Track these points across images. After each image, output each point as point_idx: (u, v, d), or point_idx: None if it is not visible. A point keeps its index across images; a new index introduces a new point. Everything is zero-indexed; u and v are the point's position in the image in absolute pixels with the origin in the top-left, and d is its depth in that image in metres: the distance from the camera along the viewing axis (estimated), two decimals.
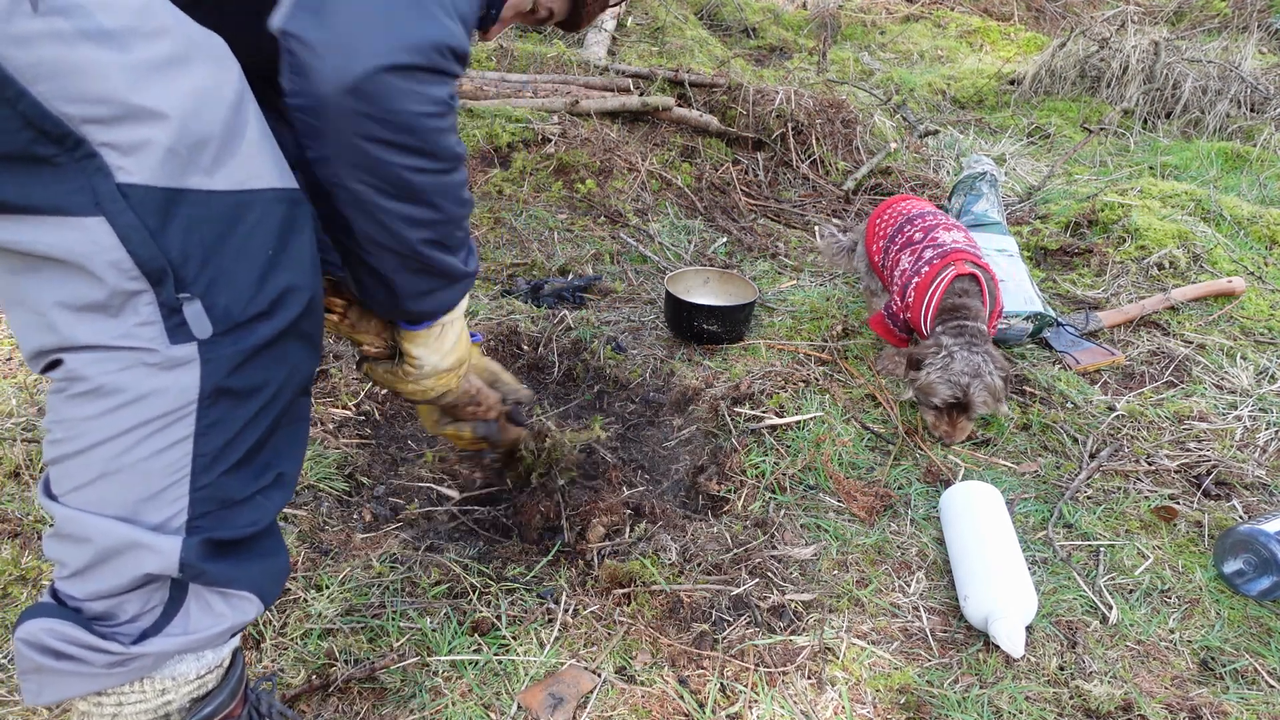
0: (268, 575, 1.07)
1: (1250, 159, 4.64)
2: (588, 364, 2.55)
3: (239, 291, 0.91)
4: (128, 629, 0.98)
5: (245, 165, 0.91)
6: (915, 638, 1.66)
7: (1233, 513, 2.06)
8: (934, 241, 2.40)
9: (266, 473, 1.02)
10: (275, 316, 0.95)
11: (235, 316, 0.91)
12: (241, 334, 0.92)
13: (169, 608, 1.00)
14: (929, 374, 2.13)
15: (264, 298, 0.93)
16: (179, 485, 0.94)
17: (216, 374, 0.92)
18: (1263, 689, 1.60)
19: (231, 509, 0.99)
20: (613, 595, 1.69)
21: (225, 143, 0.89)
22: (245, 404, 0.96)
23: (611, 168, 3.67)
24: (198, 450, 0.94)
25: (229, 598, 1.03)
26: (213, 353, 0.91)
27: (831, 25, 7.32)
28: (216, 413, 0.93)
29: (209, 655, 1.08)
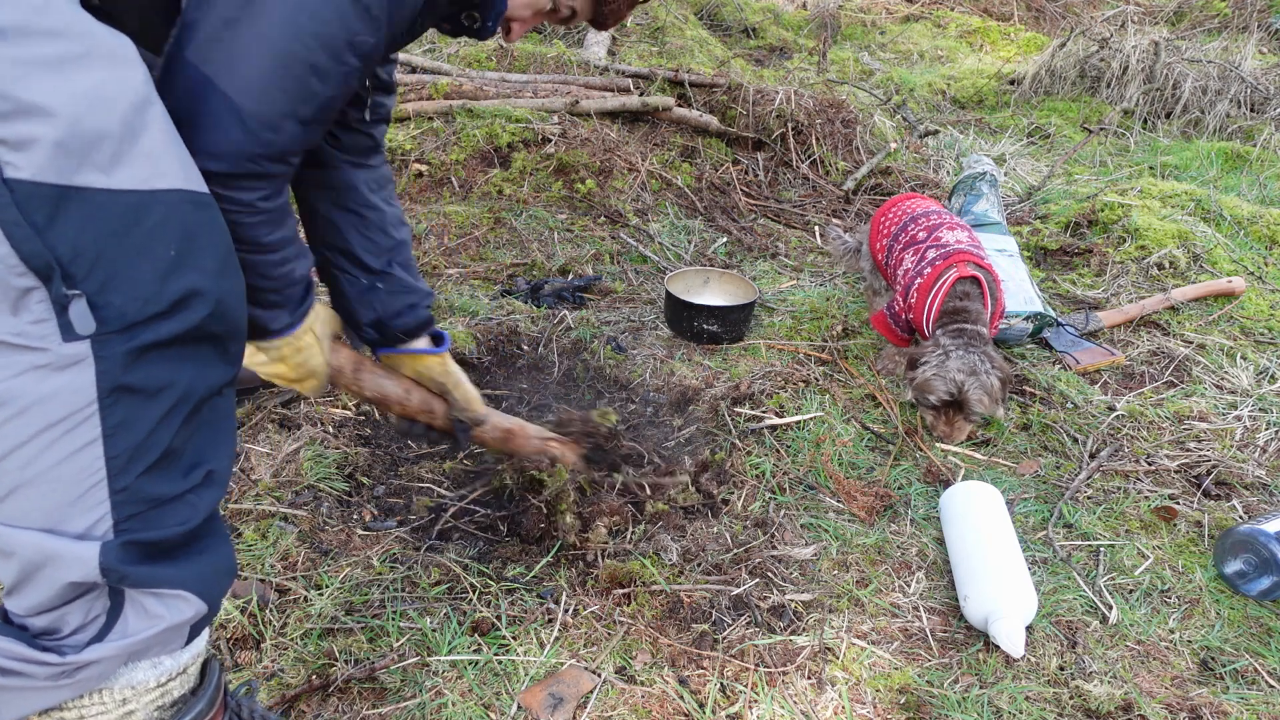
0: (206, 573, 1.05)
1: (1250, 159, 4.65)
2: (588, 364, 2.55)
3: (136, 290, 0.90)
4: (73, 640, 0.98)
5: (148, 165, 0.91)
6: (915, 638, 1.66)
7: (1233, 513, 2.06)
8: (937, 241, 2.40)
9: (195, 471, 1.02)
10: (175, 318, 0.93)
11: (131, 316, 0.90)
12: (136, 332, 0.91)
13: (110, 616, 0.99)
14: (925, 372, 2.13)
15: (163, 298, 0.92)
16: (97, 489, 0.93)
17: (112, 371, 0.90)
18: (1263, 689, 1.60)
19: (161, 509, 0.98)
20: (613, 595, 1.69)
21: (125, 142, 0.88)
22: (152, 403, 0.94)
23: (611, 168, 3.67)
24: (109, 452, 0.92)
25: (163, 598, 1.01)
26: (106, 350, 0.89)
27: (831, 25, 7.32)
28: (121, 412, 0.92)
29: (167, 662, 1.07)
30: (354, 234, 1.59)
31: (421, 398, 1.67)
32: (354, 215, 1.60)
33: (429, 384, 1.69)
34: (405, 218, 1.71)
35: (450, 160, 3.54)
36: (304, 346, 1.40)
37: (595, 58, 4.80)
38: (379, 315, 1.59)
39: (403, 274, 1.63)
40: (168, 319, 0.93)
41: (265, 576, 1.67)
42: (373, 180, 1.60)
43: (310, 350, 1.42)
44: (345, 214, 1.60)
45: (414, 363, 1.66)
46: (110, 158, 0.88)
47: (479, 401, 1.76)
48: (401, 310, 1.61)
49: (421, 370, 1.67)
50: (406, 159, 3.52)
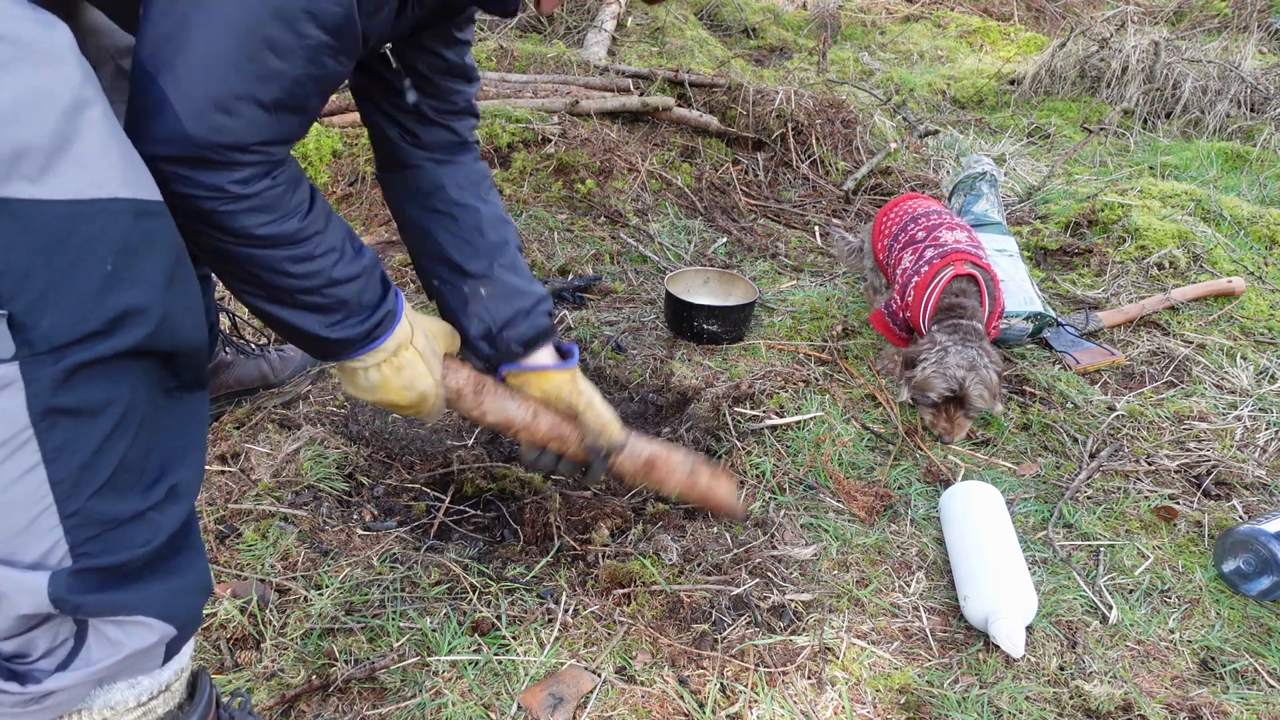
0: (168, 596, 1.00)
1: (1250, 159, 4.65)
2: (588, 364, 2.55)
3: (68, 309, 0.84)
4: (41, 665, 0.95)
5: (83, 173, 0.84)
6: (915, 638, 1.66)
7: (1233, 513, 2.06)
8: (936, 241, 2.40)
9: (156, 486, 0.96)
10: (114, 336, 0.87)
11: (60, 337, 0.83)
12: (69, 351, 0.84)
13: (77, 641, 0.96)
14: (924, 370, 2.13)
15: (99, 316, 0.85)
16: (46, 516, 0.88)
17: (43, 393, 0.84)
18: (1263, 689, 1.60)
19: (120, 529, 0.93)
20: (613, 595, 1.69)
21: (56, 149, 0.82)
22: (93, 422, 0.88)
23: (611, 168, 3.67)
24: (53, 476, 0.87)
25: (123, 625, 0.97)
26: (35, 372, 0.83)
27: (831, 25, 7.32)
28: (60, 435, 0.86)
29: (145, 681, 1.03)
30: (446, 236, 1.47)
31: (551, 422, 1.50)
32: (444, 217, 1.48)
33: (558, 405, 1.52)
34: (507, 215, 1.58)
35: None
36: (404, 365, 1.30)
37: (595, 58, 4.80)
38: (488, 325, 1.47)
39: (508, 276, 1.49)
40: (104, 338, 0.87)
41: (265, 576, 1.67)
42: (462, 178, 1.49)
43: (413, 368, 1.32)
44: (434, 216, 1.48)
45: (540, 381, 1.51)
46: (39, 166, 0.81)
47: (616, 425, 1.55)
48: (512, 318, 1.48)
49: (549, 389, 1.51)
50: None
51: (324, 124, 3.65)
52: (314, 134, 3.52)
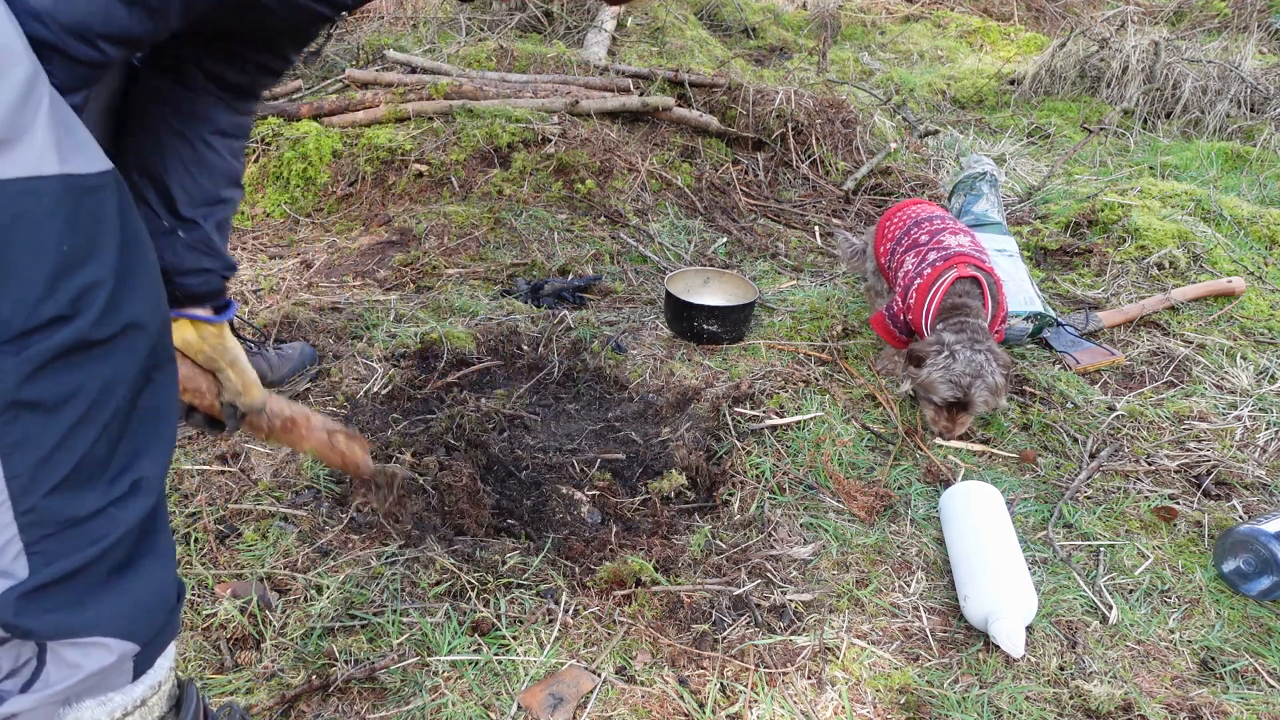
0: (130, 611, 0.95)
1: (1250, 159, 4.65)
2: (588, 364, 2.55)
3: (25, 293, 0.80)
4: (8, 684, 0.93)
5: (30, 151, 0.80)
6: (915, 638, 1.66)
7: (1233, 513, 2.06)
8: (939, 245, 2.40)
9: (119, 480, 0.92)
10: (78, 317, 0.83)
11: (19, 323, 0.80)
12: (32, 339, 0.81)
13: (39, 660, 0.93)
14: (931, 372, 2.12)
15: (62, 297, 0.82)
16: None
17: (4, 388, 0.81)
18: (1263, 689, 1.60)
19: (78, 527, 0.89)
20: (613, 595, 1.69)
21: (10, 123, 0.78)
22: (55, 416, 0.85)
23: (611, 168, 3.67)
24: (9, 472, 0.83)
25: (80, 646, 0.93)
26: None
27: (831, 25, 7.32)
28: (19, 429, 0.83)
29: (116, 698, 1.00)
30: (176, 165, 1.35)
31: (186, 373, 1.41)
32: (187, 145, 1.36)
33: (199, 357, 1.43)
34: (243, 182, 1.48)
35: (450, 160, 3.54)
36: None
37: (595, 58, 4.80)
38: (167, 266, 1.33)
39: (212, 233, 1.40)
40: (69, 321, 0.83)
41: (265, 576, 1.67)
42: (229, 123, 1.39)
43: None
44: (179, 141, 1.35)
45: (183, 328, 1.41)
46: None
47: (258, 387, 1.50)
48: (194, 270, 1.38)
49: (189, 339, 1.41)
50: (406, 159, 3.52)
51: (324, 124, 3.65)
52: (314, 133, 3.52)
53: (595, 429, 2.30)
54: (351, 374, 2.35)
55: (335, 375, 2.34)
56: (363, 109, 3.75)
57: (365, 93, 3.85)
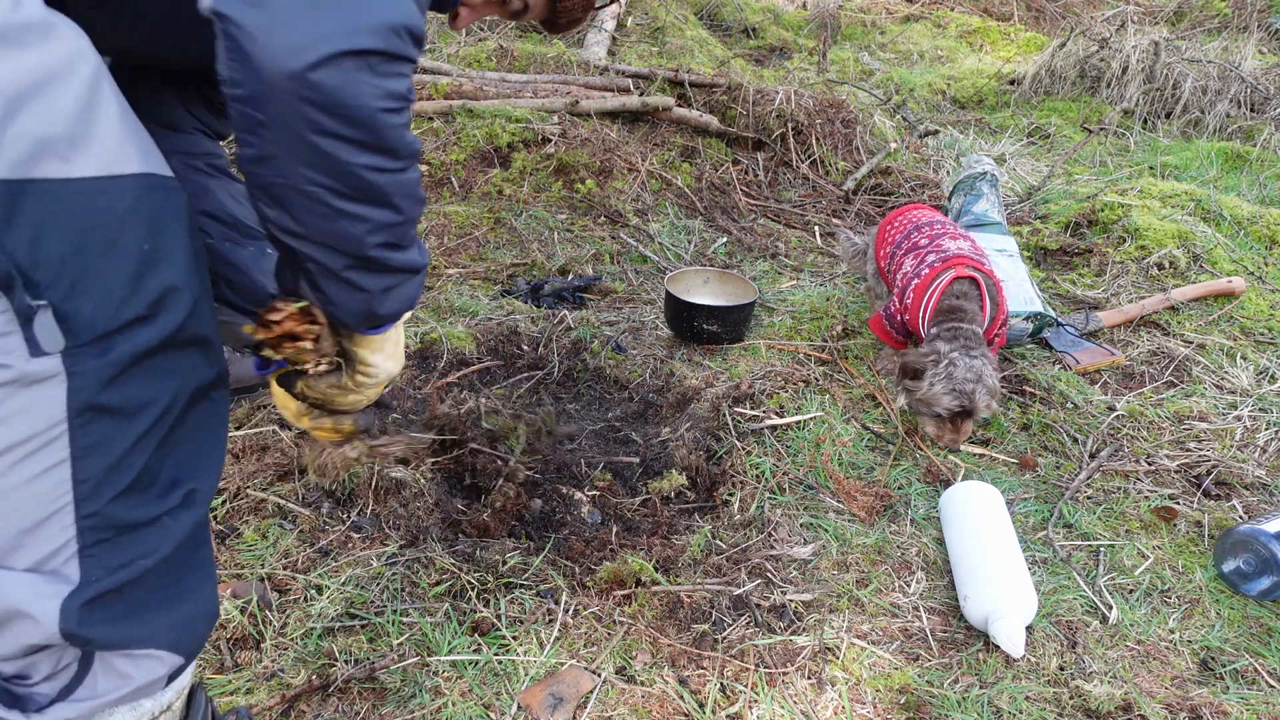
0: (180, 624, 0.96)
1: (1250, 159, 4.64)
2: (588, 364, 2.55)
3: (109, 293, 0.80)
4: (44, 688, 0.92)
5: (108, 149, 0.81)
6: (915, 638, 1.66)
7: (1233, 513, 2.06)
8: (938, 248, 2.40)
9: (173, 492, 0.92)
10: (158, 319, 0.84)
11: (105, 323, 0.80)
12: (115, 341, 0.81)
13: (81, 667, 0.93)
14: (932, 385, 2.10)
15: (142, 299, 0.82)
16: (61, 515, 0.84)
17: (87, 389, 0.81)
18: (1263, 689, 1.60)
19: (131, 534, 0.89)
20: (613, 595, 1.69)
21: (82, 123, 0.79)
22: (129, 423, 0.85)
23: (611, 168, 3.67)
24: (77, 475, 0.83)
25: (134, 658, 0.94)
26: (79, 365, 0.80)
27: (831, 25, 7.32)
28: (93, 433, 0.83)
29: (147, 703, 1.00)
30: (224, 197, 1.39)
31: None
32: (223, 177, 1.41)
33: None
34: None
35: (450, 160, 3.54)
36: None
37: (595, 58, 4.80)
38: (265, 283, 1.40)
39: None
40: (149, 322, 0.84)
41: (265, 576, 1.67)
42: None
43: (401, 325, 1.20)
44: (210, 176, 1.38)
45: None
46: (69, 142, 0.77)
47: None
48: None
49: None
50: None
51: None
52: None
53: (595, 429, 2.30)
54: None
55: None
56: None
57: None
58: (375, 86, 0.84)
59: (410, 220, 1.00)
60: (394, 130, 0.89)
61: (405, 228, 1.00)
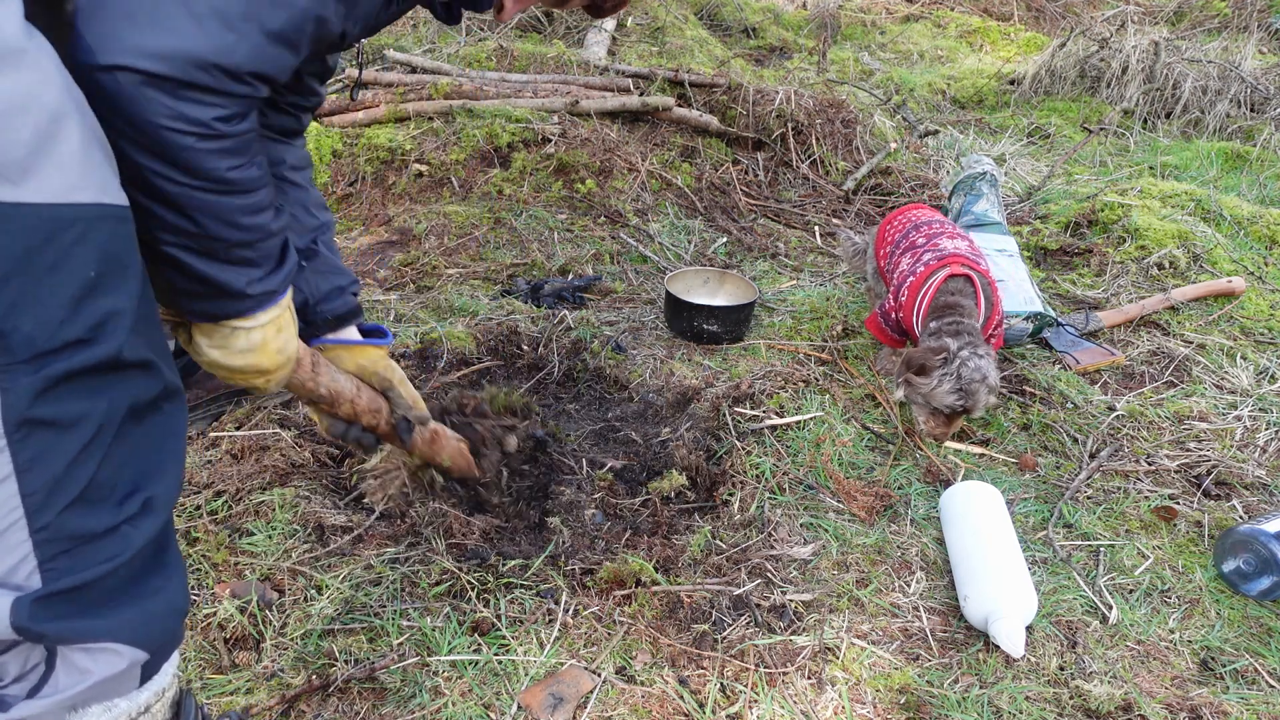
0: (139, 620, 0.97)
1: (1250, 159, 4.65)
2: (588, 364, 2.55)
3: (48, 315, 0.82)
4: (13, 690, 0.94)
5: (63, 176, 0.82)
6: (915, 638, 1.66)
7: (1233, 513, 2.06)
8: (935, 247, 2.40)
9: (130, 500, 0.94)
10: (96, 343, 0.86)
11: (44, 343, 0.82)
12: (50, 361, 0.83)
13: (47, 666, 0.94)
14: (941, 383, 2.09)
15: (81, 323, 0.84)
16: (15, 530, 0.85)
17: (19, 404, 0.82)
18: (1263, 689, 1.60)
19: (90, 544, 0.90)
20: (613, 595, 1.69)
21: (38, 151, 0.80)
22: (67, 435, 0.86)
23: (611, 168, 3.67)
24: (24, 489, 0.85)
25: (91, 652, 0.94)
26: (12, 382, 0.81)
27: (831, 25, 7.32)
28: (33, 447, 0.84)
29: (121, 704, 1.01)
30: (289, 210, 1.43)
31: (370, 396, 1.55)
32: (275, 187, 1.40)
33: (372, 380, 1.56)
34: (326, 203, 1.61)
35: (450, 160, 3.54)
36: (284, 325, 1.22)
37: (595, 58, 4.80)
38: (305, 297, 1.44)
39: (329, 254, 1.49)
40: (85, 347, 0.85)
41: (265, 576, 1.67)
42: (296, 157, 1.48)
43: (289, 329, 1.24)
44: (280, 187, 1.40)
45: (356, 356, 1.52)
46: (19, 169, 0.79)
47: (420, 400, 1.65)
48: (330, 293, 1.47)
49: (365, 364, 1.53)
50: (406, 159, 3.52)
51: (324, 124, 3.65)
52: (314, 134, 3.52)
53: (595, 429, 2.30)
54: None
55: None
56: (363, 109, 3.75)
57: (365, 93, 3.85)
58: (166, 106, 0.90)
59: (217, 239, 1.04)
60: (190, 152, 0.94)
61: (211, 242, 1.04)
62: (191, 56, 0.90)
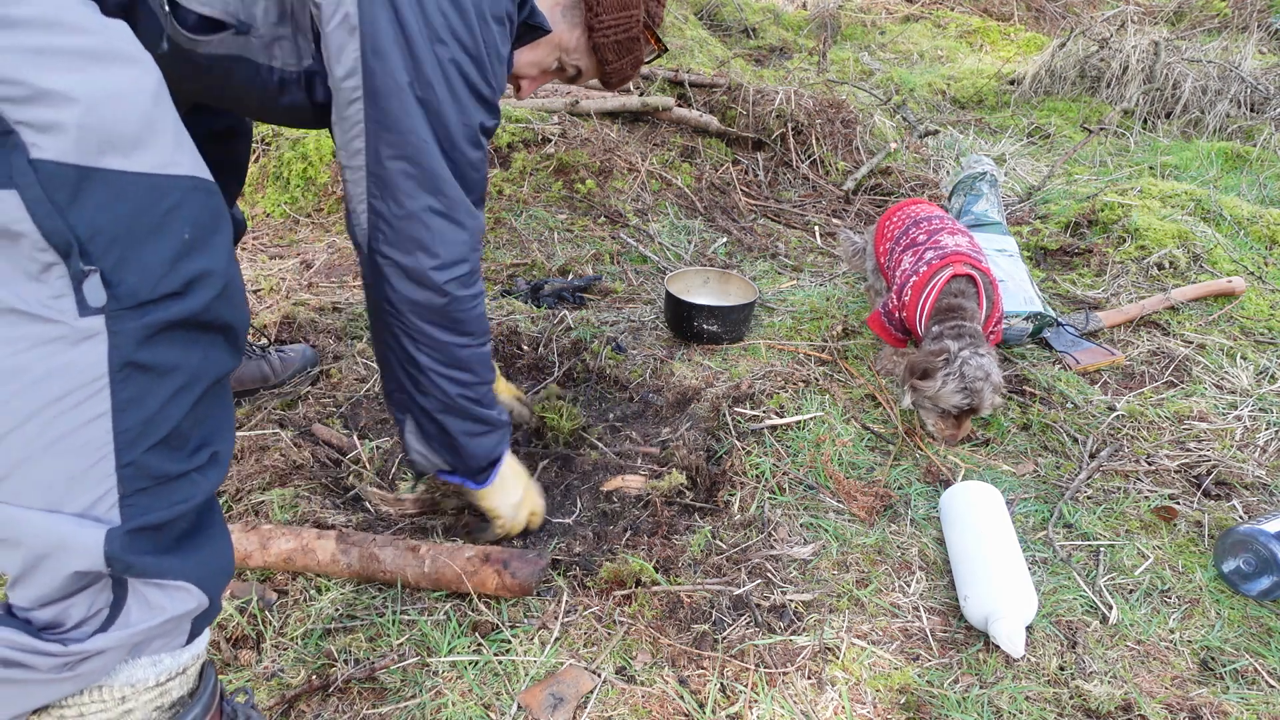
0: (206, 565, 1.06)
1: (1250, 159, 4.65)
2: (588, 364, 2.55)
3: (150, 270, 0.93)
4: (76, 634, 0.98)
5: (163, 153, 0.95)
6: (915, 638, 1.66)
7: (1233, 513, 2.06)
8: (936, 244, 2.39)
9: (200, 451, 1.04)
10: (188, 297, 0.96)
11: (143, 294, 0.93)
12: (150, 310, 0.94)
13: (113, 609, 1.00)
14: (945, 384, 2.09)
15: (177, 278, 0.95)
16: (104, 463, 0.94)
17: (125, 347, 0.92)
18: (1263, 689, 1.60)
19: (165, 485, 0.99)
20: (613, 595, 1.69)
21: (143, 129, 0.93)
22: (161, 382, 0.97)
23: (611, 168, 3.67)
24: (118, 426, 0.94)
25: (166, 589, 1.02)
26: (120, 325, 0.92)
27: (831, 25, 7.32)
28: (132, 388, 0.94)
29: (166, 660, 1.07)
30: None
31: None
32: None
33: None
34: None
35: None
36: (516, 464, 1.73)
37: None
38: None
39: None
40: (181, 299, 0.96)
41: (265, 576, 1.67)
42: None
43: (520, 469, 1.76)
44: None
45: None
46: (130, 143, 0.91)
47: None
48: None
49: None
50: None
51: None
52: (314, 134, 3.52)
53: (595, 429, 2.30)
54: (352, 374, 2.35)
55: (335, 376, 2.34)
56: None
57: None
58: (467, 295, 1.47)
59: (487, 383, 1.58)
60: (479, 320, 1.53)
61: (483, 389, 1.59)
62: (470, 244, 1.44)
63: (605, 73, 1.69)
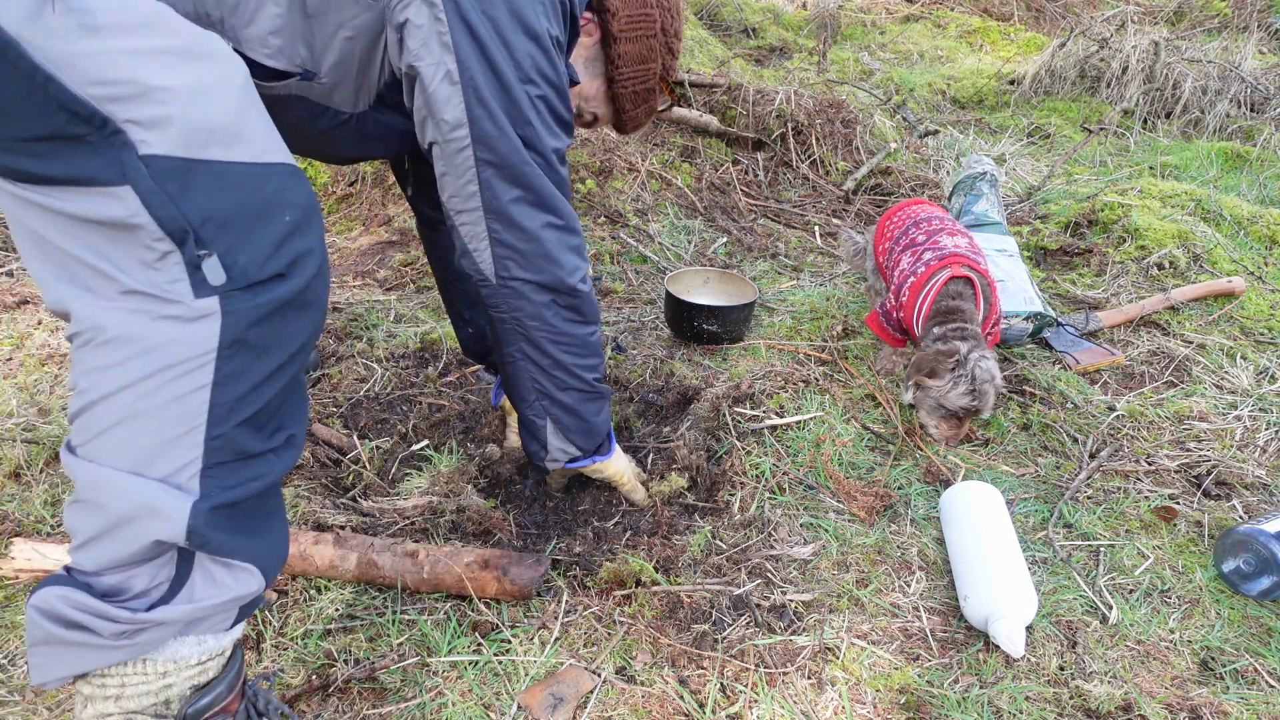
0: (269, 550, 1.10)
1: (1250, 159, 4.64)
2: None
3: (259, 251, 0.98)
4: (136, 604, 1.00)
5: (258, 142, 1.01)
6: (915, 638, 1.66)
7: (1233, 513, 2.06)
8: (935, 245, 2.39)
9: (278, 433, 1.08)
10: (292, 277, 1.02)
11: (253, 275, 0.98)
12: (260, 291, 0.99)
13: (175, 582, 1.03)
14: (955, 385, 2.09)
15: (282, 259, 1.00)
16: (195, 432, 0.98)
17: (236, 325, 0.97)
18: (1263, 689, 1.60)
19: (244, 462, 1.03)
20: (613, 595, 1.69)
21: (238, 121, 0.98)
22: (261, 360, 1.01)
23: (611, 168, 3.67)
24: (215, 399, 0.98)
25: (232, 569, 1.06)
26: (233, 305, 0.97)
27: (831, 25, 7.32)
28: (235, 364, 0.98)
29: (210, 640, 1.10)
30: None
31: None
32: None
33: None
34: None
35: None
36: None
37: None
38: None
39: None
40: (286, 279, 1.01)
41: None
42: None
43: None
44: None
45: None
46: (230, 134, 0.97)
47: None
48: None
49: None
50: None
51: None
52: None
53: None
54: (352, 374, 2.35)
55: (335, 376, 2.34)
56: None
57: None
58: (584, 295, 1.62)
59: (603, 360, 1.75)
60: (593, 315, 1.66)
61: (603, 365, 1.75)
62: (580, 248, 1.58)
63: (621, 120, 1.77)
